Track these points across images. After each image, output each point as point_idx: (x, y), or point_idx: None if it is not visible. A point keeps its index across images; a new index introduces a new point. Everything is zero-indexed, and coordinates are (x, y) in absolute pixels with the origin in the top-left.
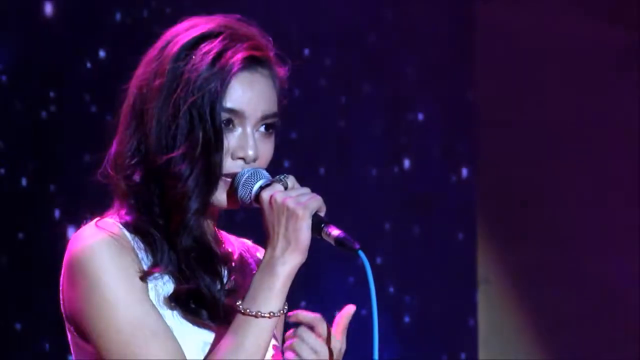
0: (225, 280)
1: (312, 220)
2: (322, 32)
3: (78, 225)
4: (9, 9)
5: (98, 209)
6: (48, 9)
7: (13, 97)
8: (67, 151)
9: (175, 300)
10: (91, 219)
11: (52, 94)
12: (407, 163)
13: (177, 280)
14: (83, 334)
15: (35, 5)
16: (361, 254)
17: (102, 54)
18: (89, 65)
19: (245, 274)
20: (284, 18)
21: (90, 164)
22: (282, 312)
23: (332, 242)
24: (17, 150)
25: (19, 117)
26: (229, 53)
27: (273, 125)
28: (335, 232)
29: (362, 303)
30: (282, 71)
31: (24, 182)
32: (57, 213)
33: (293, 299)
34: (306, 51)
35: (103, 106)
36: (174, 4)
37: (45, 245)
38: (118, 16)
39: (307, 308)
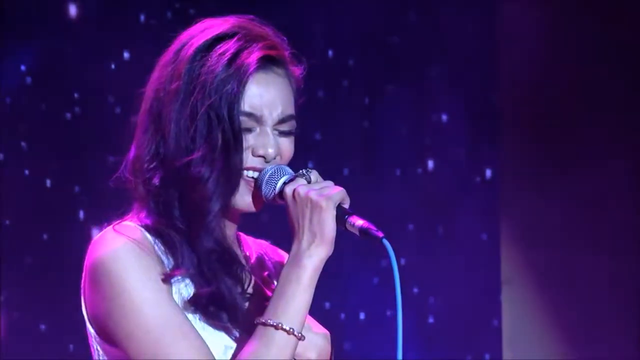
0: (245, 283)
1: (336, 211)
2: (346, 33)
3: (102, 226)
4: (33, 10)
5: (122, 209)
6: (72, 10)
7: (37, 99)
8: (91, 152)
9: (195, 304)
10: (109, 224)
11: (76, 95)
12: (431, 164)
13: (198, 283)
14: (107, 337)
15: (60, 7)
16: (385, 242)
17: (126, 55)
18: (113, 66)
19: (263, 277)
20: (308, 19)
21: (115, 165)
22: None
23: (357, 233)
24: (41, 152)
25: (43, 118)
26: (245, 53)
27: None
28: (359, 222)
29: (386, 304)
30: (297, 70)
31: (48, 183)
32: (81, 214)
33: (316, 301)
34: (330, 52)
35: (127, 107)
36: (197, 5)
37: (69, 246)
38: (142, 18)
39: (331, 309)
